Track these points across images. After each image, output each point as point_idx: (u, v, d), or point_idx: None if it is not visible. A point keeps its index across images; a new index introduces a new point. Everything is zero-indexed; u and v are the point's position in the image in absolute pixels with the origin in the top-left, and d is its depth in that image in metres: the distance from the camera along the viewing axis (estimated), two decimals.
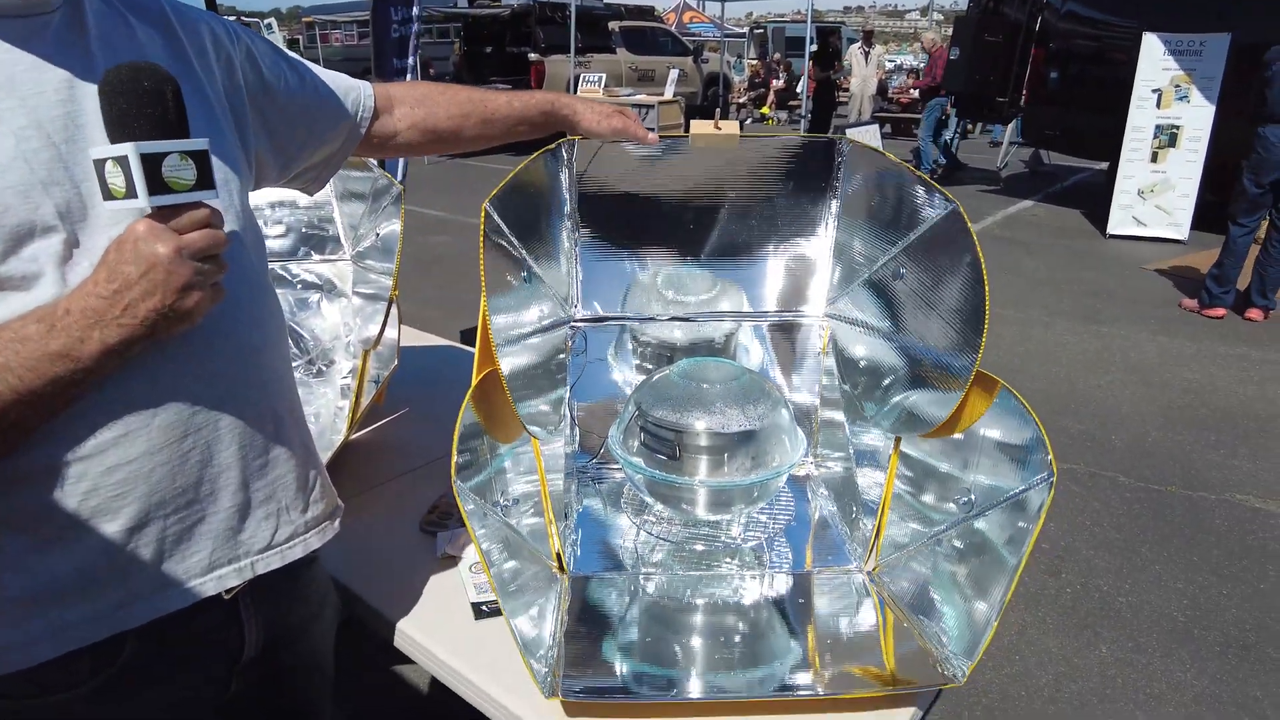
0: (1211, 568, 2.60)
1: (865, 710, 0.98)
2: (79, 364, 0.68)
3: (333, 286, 1.89)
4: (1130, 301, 5.28)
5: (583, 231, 1.39)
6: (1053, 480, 0.99)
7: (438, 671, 1.08)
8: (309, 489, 0.95)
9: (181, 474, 0.79)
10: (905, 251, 1.23)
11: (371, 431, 1.70)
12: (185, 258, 0.70)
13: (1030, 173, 10.02)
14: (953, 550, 1.09)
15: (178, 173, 0.69)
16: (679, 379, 1.22)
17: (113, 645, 0.79)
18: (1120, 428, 3.54)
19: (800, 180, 1.36)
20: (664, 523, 1.31)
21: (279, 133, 0.99)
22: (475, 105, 1.19)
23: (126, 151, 0.67)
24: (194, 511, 0.81)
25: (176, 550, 0.81)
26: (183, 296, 0.71)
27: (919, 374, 1.20)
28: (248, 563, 0.87)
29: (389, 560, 1.26)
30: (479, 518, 1.01)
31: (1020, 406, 1.05)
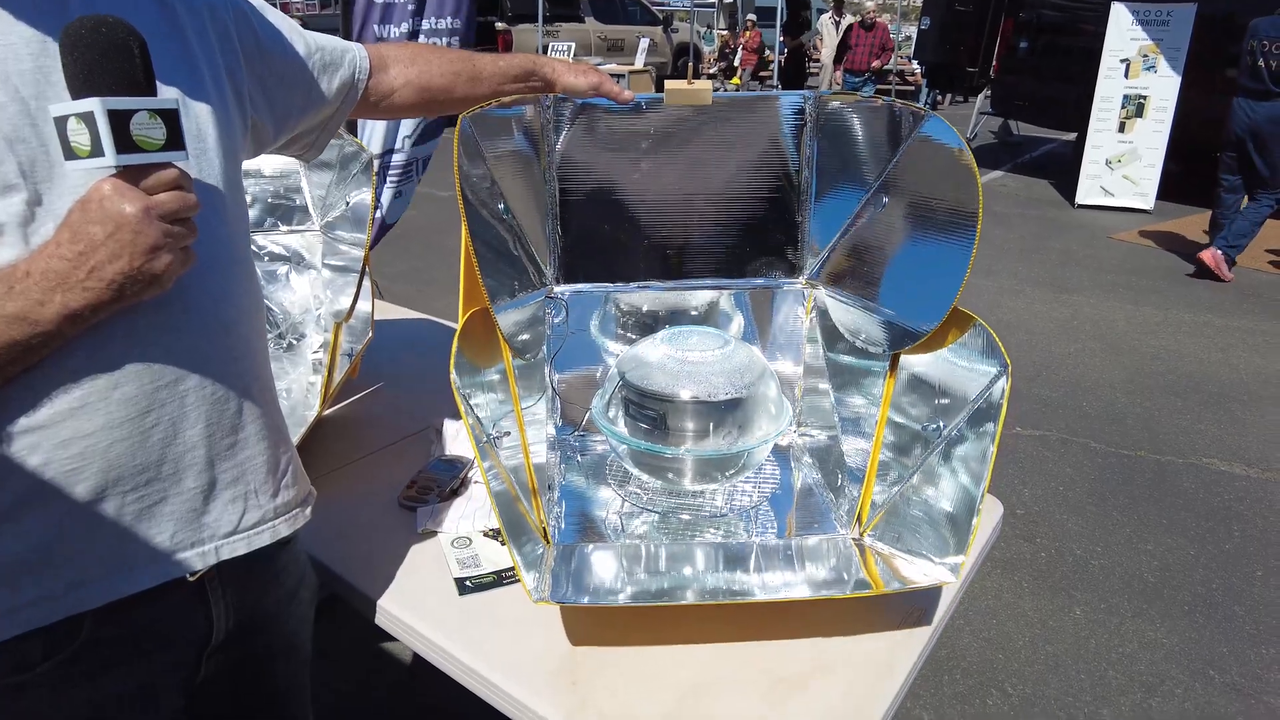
0: (1180, 529, 2.66)
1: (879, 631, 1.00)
2: (37, 328, 0.64)
3: (301, 258, 1.83)
4: (1099, 270, 5.35)
5: (561, 196, 1.35)
6: (1008, 369, 1.00)
7: (421, 648, 1.06)
8: (280, 472, 0.91)
9: (142, 450, 0.75)
10: (887, 179, 1.22)
11: (346, 406, 1.66)
12: (154, 218, 0.66)
13: (1000, 143, 10.08)
14: (928, 476, 1.09)
15: (146, 131, 0.65)
16: (663, 348, 1.20)
17: (68, 628, 0.75)
18: (1091, 394, 3.59)
19: (775, 138, 1.34)
20: (648, 494, 1.30)
21: (277, 97, 0.95)
22: (464, 63, 1.17)
23: (92, 107, 0.62)
24: (155, 491, 0.78)
25: (135, 531, 0.77)
26: (151, 259, 0.67)
27: (900, 314, 1.19)
28: (212, 547, 0.83)
29: (368, 537, 1.23)
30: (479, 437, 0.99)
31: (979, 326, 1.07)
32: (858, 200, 1.29)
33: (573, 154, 1.33)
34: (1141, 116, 6.71)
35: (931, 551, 1.03)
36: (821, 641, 1.02)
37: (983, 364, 1.06)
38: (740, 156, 1.37)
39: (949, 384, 1.12)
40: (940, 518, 1.05)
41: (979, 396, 1.04)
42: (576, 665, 0.99)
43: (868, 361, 1.29)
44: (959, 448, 1.05)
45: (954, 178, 1.10)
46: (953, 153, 1.10)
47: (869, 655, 1.00)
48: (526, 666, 0.98)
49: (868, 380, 1.28)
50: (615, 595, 1.05)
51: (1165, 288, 5.03)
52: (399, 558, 1.18)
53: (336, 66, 1.03)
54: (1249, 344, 4.18)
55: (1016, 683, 2.02)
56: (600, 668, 0.98)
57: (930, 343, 1.15)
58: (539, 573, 1.01)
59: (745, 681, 0.96)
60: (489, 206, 1.18)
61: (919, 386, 1.18)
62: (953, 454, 1.06)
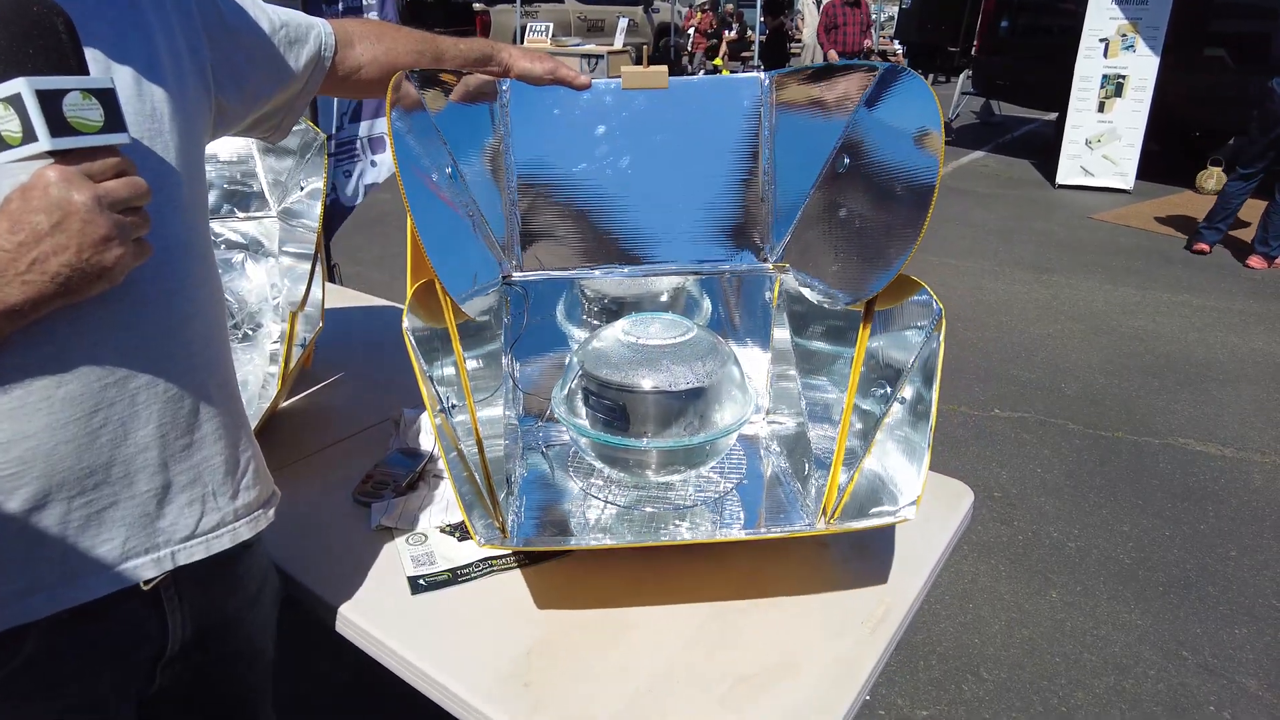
0: (1155, 510, 2.66)
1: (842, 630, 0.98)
2: None
3: (259, 245, 1.78)
4: (1079, 251, 5.35)
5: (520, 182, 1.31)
6: (941, 313, 1.02)
7: (372, 650, 1.02)
8: (240, 473, 0.86)
9: (89, 453, 0.71)
10: (847, 139, 1.19)
11: (305, 398, 1.61)
12: (105, 207, 0.61)
13: (981, 123, 10.07)
14: (882, 442, 1.07)
15: (82, 113, 0.60)
16: (623, 336, 1.16)
17: (12, 639, 0.71)
18: (1070, 376, 3.59)
19: (734, 120, 1.31)
20: (612, 486, 1.26)
21: (244, 75, 0.90)
22: (428, 44, 1.13)
23: (19, 89, 0.57)
24: (104, 495, 0.73)
25: (83, 537, 0.72)
26: (101, 251, 0.62)
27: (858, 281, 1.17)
28: (167, 552, 0.79)
29: (322, 534, 1.19)
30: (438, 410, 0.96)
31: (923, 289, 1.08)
32: (819, 168, 1.26)
33: (531, 139, 1.28)
34: (1120, 96, 6.70)
35: (888, 499, 1.00)
36: (785, 639, 0.99)
37: (919, 318, 1.04)
38: (701, 139, 1.33)
39: (897, 349, 1.10)
40: (894, 472, 1.03)
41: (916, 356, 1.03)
42: (530, 666, 0.95)
43: (835, 347, 1.25)
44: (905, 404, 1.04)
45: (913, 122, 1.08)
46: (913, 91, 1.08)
47: (833, 653, 0.97)
48: (478, 668, 0.95)
49: (835, 366, 1.25)
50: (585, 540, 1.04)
51: (1144, 268, 5.04)
52: (352, 556, 1.14)
53: (303, 42, 0.98)
54: (1225, 323, 4.19)
55: (992, 667, 2.01)
56: (555, 668, 0.95)
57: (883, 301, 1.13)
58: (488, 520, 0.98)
59: (704, 682, 0.93)
60: (437, 182, 1.14)
61: (880, 369, 1.15)
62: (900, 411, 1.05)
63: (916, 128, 1.08)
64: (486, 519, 0.98)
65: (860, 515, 1.09)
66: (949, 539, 1.20)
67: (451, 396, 1.07)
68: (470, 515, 0.92)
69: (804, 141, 1.28)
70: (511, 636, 0.99)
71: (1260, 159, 4.88)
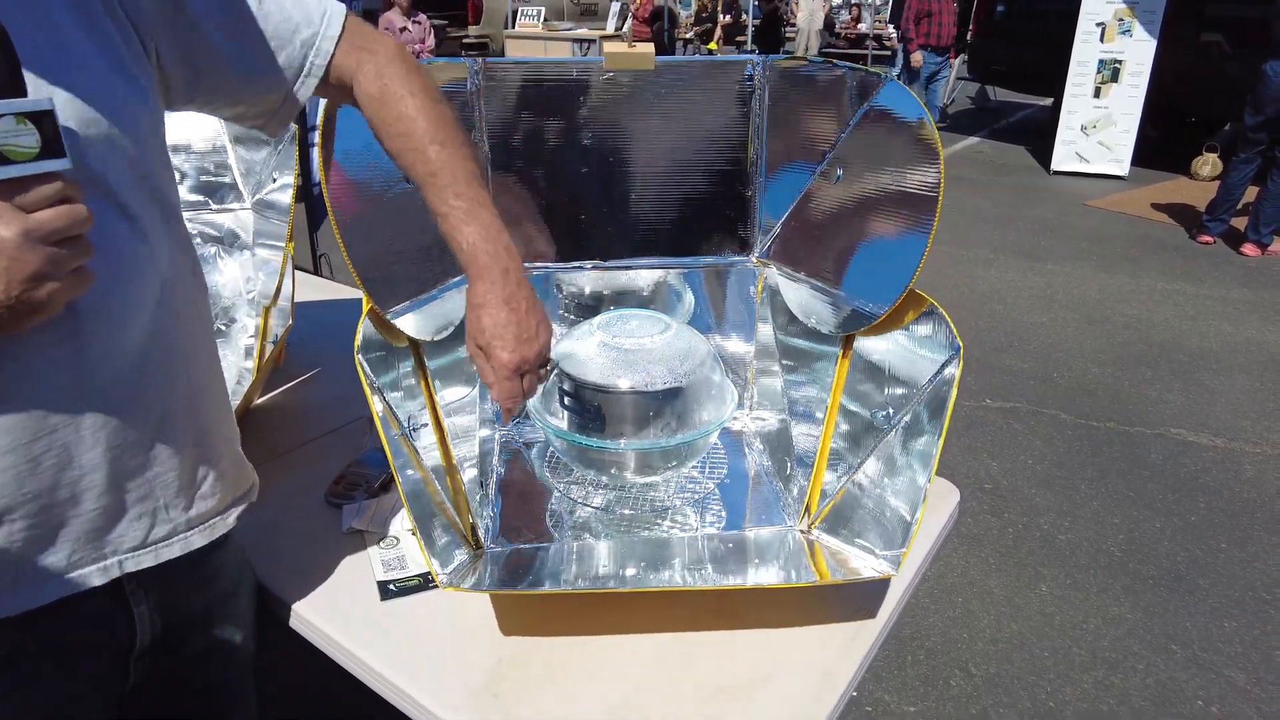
0: (1146, 502, 2.65)
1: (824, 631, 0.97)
2: None
3: (235, 238, 1.73)
4: (1073, 238, 5.32)
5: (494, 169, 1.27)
6: (959, 352, 0.95)
7: (340, 659, 0.99)
8: (196, 485, 0.83)
9: (32, 478, 0.68)
10: (841, 151, 1.15)
11: (281, 394, 1.58)
12: (35, 242, 0.57)
13: (977, 109, 10.01)
14: (878, 466, 1.04)
15: (14, 139, 0.56)
16: (599, 334, 1.13)
17: None
18: (1062, 365, 3.57)
19: (722, 107, 1.26)
20: (589, 486, 1.23)
21: (204, 71, 0.80)
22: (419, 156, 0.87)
23: None
24: (50, 517, 0.71)
25: (27, 554, 0.70)
26: (32, 286, 0.58)
27: (856, 293, 1.13)
28: (114, 561, 0.77)
29: (293, 536, 1.16)
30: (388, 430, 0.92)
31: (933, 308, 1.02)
32: (810, 174, 1.22)
33: (506, 124, 1.24)
34: (1117, 81, 6.65)
35: (875, 543, 0.98)
36: (764, 647, 0.96)
37: (934, 349, 1.00)
38: (686, 126, 1.29)
39: (900, 370, 1.06)
40: (885, 509, 1.00)
41: (929, 383, 0.98)
42: (501, 676, 0.93)
43: (820, 345, 1.22)
44: (907, 437, 1.00)
45: (913, 151, 1.03)
46: (911, 124, 1.03)
47: (813, 662, 0.94)
48: (447, 678, 0.92)
49: (820, 364, 1.22)
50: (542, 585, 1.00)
51: (1139, 255, 5.01)
52: (322, 559, 1.11)
53: (283, 43, 0.83)
54: (1218, 312, 4.17)
55: (980, 662, 2.00)
56: (527, 678, 0.92)
57: (884, 325, 1.09)
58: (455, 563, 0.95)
59: (682, 692, 0.91)
60: (388, 179, 1.09)
61: (872, 373, 1.12)
62: (901, 444, 1.01)
63: (915, 157, 1.02)
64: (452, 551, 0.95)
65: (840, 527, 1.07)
66: (934, 540, 1.18)
67: (416, 414, 1.04)
68: (431, 554, 0.89)
69: (797, 138, 1.23)
70: (483, 645, 0.97)
71: (1254, 144, 4.85)
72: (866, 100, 1.08)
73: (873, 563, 0.97)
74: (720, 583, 1.01)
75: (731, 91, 1.25)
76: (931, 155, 0.99)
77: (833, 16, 13.54)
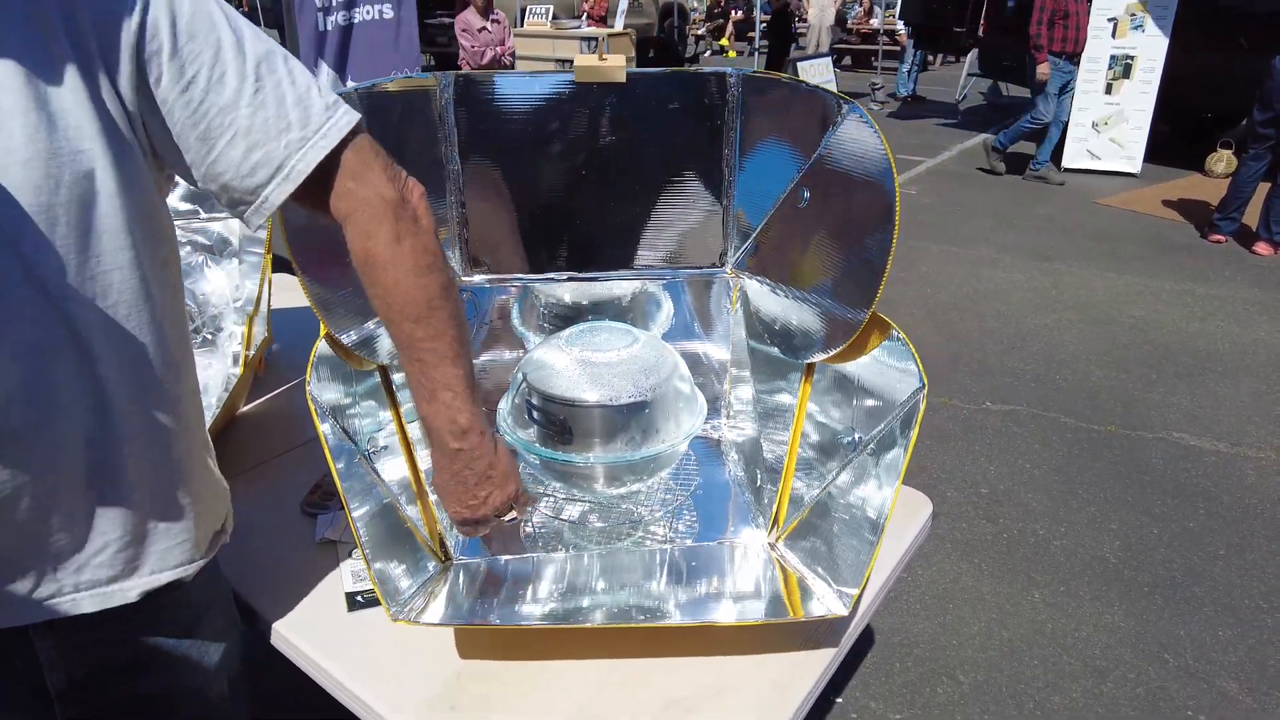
0: (1145, 508, 2.62)
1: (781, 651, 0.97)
2: None
3: (224, 245, 1.75)
4: (1082, 237, 5.27)
5: (467, 182, 1.27)
6: (924, 390, 0.94)
7: (306, 667, 1.01)
8: (100, 551, 0.78)
9: None
10: (809, 172, 1.14)
11: (264, 402, 1.59)
12: None
13: (989, 105, 9.91)
14: (841, 490, 1.04)
15: None
16: (567, 348, 1.13)
17: None
18: (1065, 367, 3.54)
19: (696, 120, 1.26)
20: (562, 497, 1.24)
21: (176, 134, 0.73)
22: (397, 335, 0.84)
23: None
24: None
25: None
26: None
27: (824, 308, 1.13)
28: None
29: (267, 545, 1.17)
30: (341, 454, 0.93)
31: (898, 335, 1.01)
32: (782, 188, 1.22)
33: (479, 136, 1.25)
34: (1129, 78, 6.57)
35: (831, 575, 0.98)
36: (719, 660, 0.97)
37: (899, 381, 0.99)
38: (660, 138, 1.29)
39: (866, 397, 1.06)
40: (843, 540, 1.00)
41: (893, 417, 0.98)
42: (460, 689, 0.94)
43: (789, 356, 1.22)
44: (869, 468, 0.99)
45: (871, 175, 1.03)
46: (871, 150, 1.03)
47: (768, 676, 0.95)
48: (406, 689, 0.94)
49: (790, 376, 1.22)
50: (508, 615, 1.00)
51: (1149, 255, 4.96)
52: (294, 569, 1.13)
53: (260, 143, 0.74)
54: (1228, 313, 4.12)
55: (969, 669, 1.99)
56: (484, 691, 0.93)
57: (849, 352, 1.09)
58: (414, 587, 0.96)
59: (636, 705, 0.91)
60: None
61: (837, 390, 1.12)
62: (862, 473, 1.00)
63: (873, 181, 1.02)
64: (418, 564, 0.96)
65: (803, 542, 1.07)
66: (902, 553, 1.17)
67: (374, 439, 1.05)
68: (383, 581, 0.90)
69: (768, 158, 1.23)
70: (442, 658, 0.98)
71: (1263, 140, 4.78)
72: (832, 124, 1.08)
73: (829, 595, 0.97)
74: (675, 620, 0.99)
75: (705, 104, 1.25)
76: (887, 180, 0.99)
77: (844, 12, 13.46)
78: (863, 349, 1.06)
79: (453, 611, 0.97)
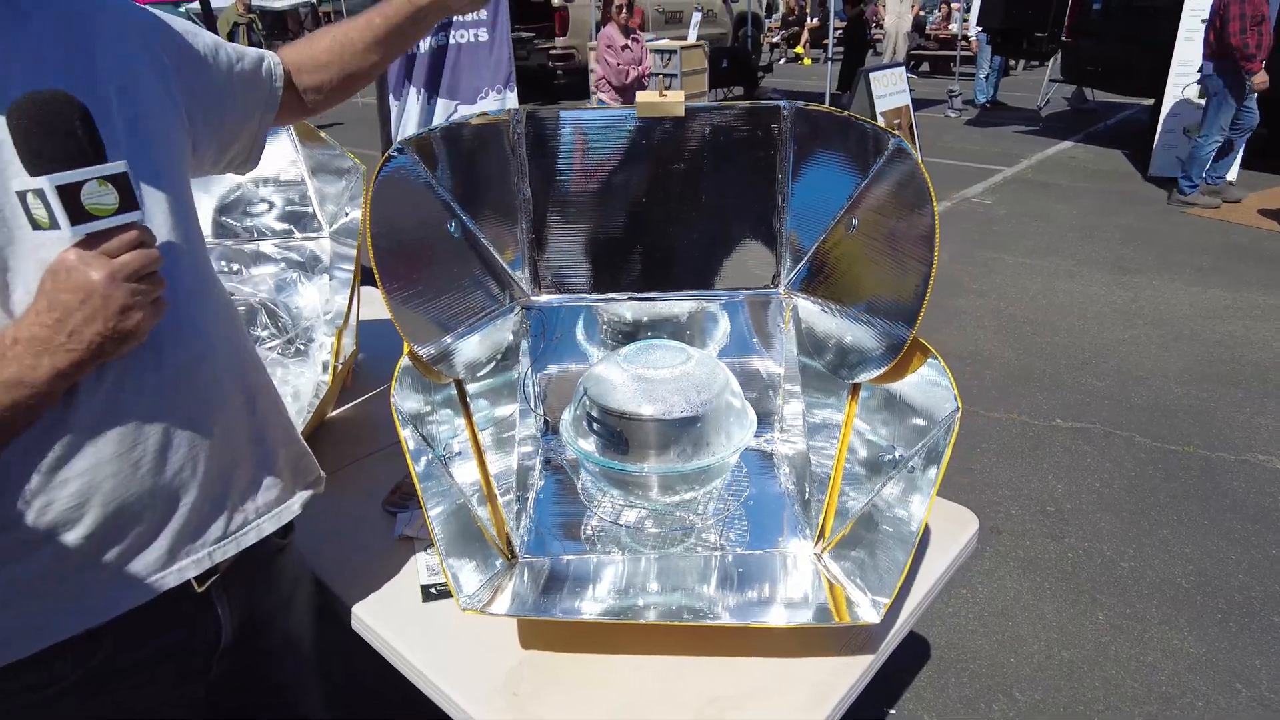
0: (1222, 532, 2.54)
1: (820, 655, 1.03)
2: (34, 389, 0.70)
3: (316, 262, 1.90)
4: (1167, 248, 5.08)
5: (536, 208, 1.37)
6: (958, 411, 1.01)
7: (385, 653, 1.12)
8: (262, 478, 0.97)
9: (134, 481, 0.82)
10: (856, 201, 1.20)
11: (352, 408, 1.73)
12: (120, 280, 0.71)
13: (1073, 111, 9.60)
14: (881, 505, 1.09)
15: (98, 199, 0.69)
16: (625, 365, 1.21)
17: (91, 640, 0.83)
18: (1141, 384, 3.44)
19: (750, 149, 1.33)
20: (622, 504, 1.32)
21: (211, 109, 0.97)
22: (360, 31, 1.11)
23: (42, 185, 0.66)
24: (149, 514, 0.84)
25: (135, 550, 0.84)
26: (123, 318, 0.72)
27: (872, 328, 1.19)
28: (205, 553, 0.90)
29: (352, 541, 1.29)
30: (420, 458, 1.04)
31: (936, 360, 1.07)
32: (832, 214, 1.27)
33: (547, 166, 1.34)
34: None
35: (867, 584, 1.03)
36: (761, 662, 1.03)
37: (938, 402, 1.04)
38: (717, 167, 1.36)
39: (908, 416, 1.11)
40: (881, 552, 1.05)
41: (930, 437, 1.03)
42: (522, 677, 1.02)
43: (838, 375, 1.28)
44: (906, 484, 1.05)
45: (913, 202, 1.08)
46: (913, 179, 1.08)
47: (807, 679, 1.00)
48: (474, 675, 1.03)
49: (838, 393, 1.27)
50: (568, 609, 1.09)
51: (1240, 267, 4.74)
52: (376, 563, 1.24)
53: (254, 76, 1.03)
54: None
55: (1026, 688, 1.98)
56: (543, 679, 1.02)
57: (892, 373, 1.14)
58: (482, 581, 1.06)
59: (680, 700, 0.98)
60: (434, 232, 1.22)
61: (882, 408, 1.17)
62: (901, 489, 1.06)
63: (913, 207, 1.08)
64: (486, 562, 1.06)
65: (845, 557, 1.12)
66: (945, 568, 1.21)
67: (454, 439, 1.16)
68: (456, 575, 0.99)
69: (819, 185, 1.29)
70: (507, 647, 1.07)
71: None
72: (879, 156, 1.14)
73: (864, 604, 1.02)
74: (724, 620, 1.07)
75: (759, 135, 1.32)
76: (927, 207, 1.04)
77: (923, 17, 13.22)
78: (904, 371, 1.11)
79: (518, 605, 1.07)
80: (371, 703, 1.88)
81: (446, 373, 1.23)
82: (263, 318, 1.78)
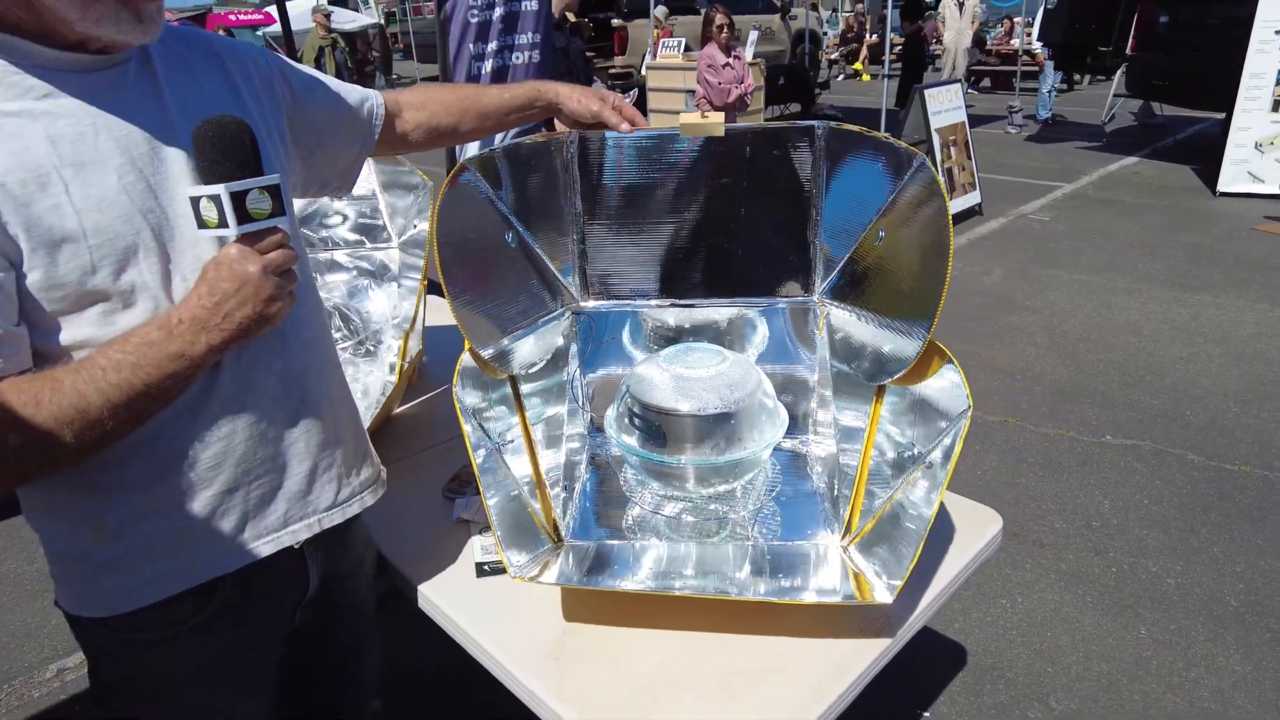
0: (1278, 551, 2.50)
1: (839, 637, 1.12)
2: (192, 362, 0.84)
3: (385, 271, 2.06)
4: (1232, 266, 4.95)
5: (587, 221, 1.48)
6: (968, 411, 1.08)
7: (442, 623, 1.23)
8: (361, 455, 1.13)
9: (260, 448, 0.97)
10: (884, 213, 1.29)
11: (417, 404, 1.87)
12: (269, 274, 0.85)
13: (1140, 126, 9.38)
14: (900, 501, 1.17)
15: (258, 204, 0.84)
16: (665, 365, 1.31)
17: (209, 589, 0.98)
18: (1198, 403, 3.38)
19: (787, 166, 1.42)
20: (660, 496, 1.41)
21: (308, 144, 1.13)
22: (470, 102, 1.32)
23: (219, 191, 0.81)
24: (271, 479, 0.99)
25: (258, 511, 0.99)
26: (269, 305, 0.86)
27: (897, 334, 1.27)
28: (315, 519, 1.05)
29: (414, 523, 1.42)
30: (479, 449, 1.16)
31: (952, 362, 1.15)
32: (862, 226, 1.36)
33: (597, 183, 1.46)
34: None
35: (885, 572, 1.11)
36: (783, 641, 1.11)
37: (948, 402, 1.12)
38: (756, 182, 1.45)
39: (927, 417, 1.19)
40: (897, 543, 1.12)
41: (941, 435, 1.10)
42: (563, 646, 1.13)
43: (866, 379, 1.35)
44: (922, 482, 1.12)
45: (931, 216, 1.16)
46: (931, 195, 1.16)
47: (825, 658, 1.08)
48: (522, 643, 1.14)
49: (865, 396, 1.35)
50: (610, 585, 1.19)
51: None
52: (435, 543, 1.36)
53: (358, 114, 1.18)
54: None
55: (1062, 697, 2.00)
56: (581, 648, 1.12)
57: (910, 376, 1.22)
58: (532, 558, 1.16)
59: (705, 672, 1.07)
60: (494, 242, 1.35)
61: (904, 410, 1.25)
62: (916, 486, 1.13)
63: (930, 219, 1.17)
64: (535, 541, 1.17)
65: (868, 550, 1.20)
66: (965, 563, 1.27)
67: (508, 431, 1.28)
68: (507, 548, 1.10)
69: (850, 200, 1.38)
70: (550, 618, 1.17)
71: None
72: (902, 173, 1.22)
73: (880, 587, 1.10)
74: (750, 594, 1.16)
75: (795, 154, 1.41)
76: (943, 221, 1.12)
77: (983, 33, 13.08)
78: (923, 374, 1.18)
79: (564, 579, 1.17)
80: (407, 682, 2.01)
81: (502, 369, 1.35)
82: (336, 321, 1.94)
